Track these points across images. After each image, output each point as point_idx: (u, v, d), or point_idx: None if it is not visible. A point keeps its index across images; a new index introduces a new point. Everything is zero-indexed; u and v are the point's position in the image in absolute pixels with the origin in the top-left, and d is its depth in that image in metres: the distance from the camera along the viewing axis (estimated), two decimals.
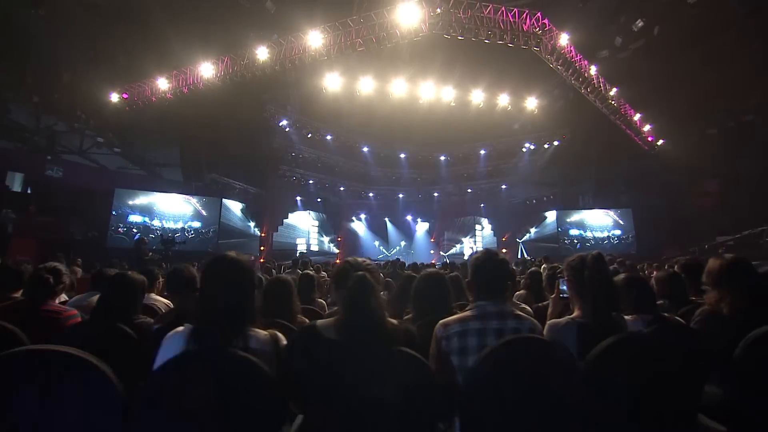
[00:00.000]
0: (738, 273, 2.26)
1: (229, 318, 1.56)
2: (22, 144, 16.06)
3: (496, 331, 1.78)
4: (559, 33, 11.49)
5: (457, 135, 18.61)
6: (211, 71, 12.24)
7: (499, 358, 1.55)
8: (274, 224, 19.47)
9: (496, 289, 1.92)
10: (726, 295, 2.22)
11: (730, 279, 2.25)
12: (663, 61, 14.23)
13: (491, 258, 1.97)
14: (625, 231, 19.60)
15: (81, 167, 17.29)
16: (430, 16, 10.66)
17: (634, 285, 2.34)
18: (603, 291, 1.91)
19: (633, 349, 1.67)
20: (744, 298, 2.15)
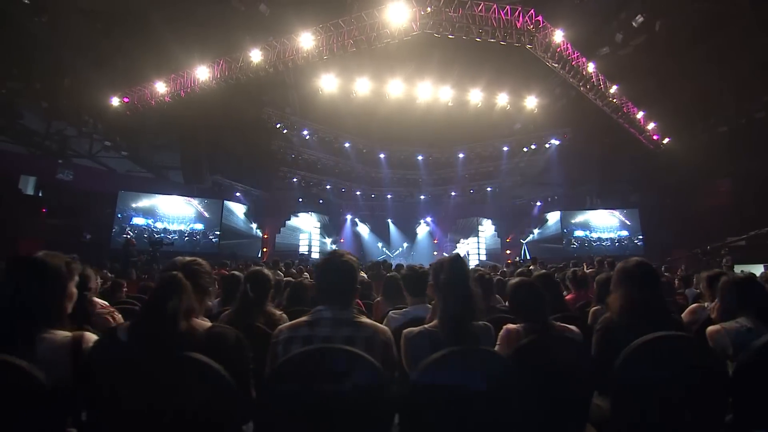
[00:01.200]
0: (630, 279, 2.11)
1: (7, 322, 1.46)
2: (35, 149, 16.59)
3: (324, 339, 1.67)
4: (554, 30, 11.31)
5: (457, 135, 18.48)
6: (207, 74, 12.43)
7: (288, 369, 1.48)
8: (277, 226, 19.65)
9: (336, 295, 1.79)
10: (617, 299, 2.11)
11: (622, 283, 2.13)
12: (666, 57, 13.88)
13: (333, 261, 1.82)
14: (632, 232, 19.17)
15: (91, 170, 17.79)
16: (421, 16, 10.63)
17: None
18: (455, 296, 1.80)
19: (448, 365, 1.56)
20: (630, 305, 2.03)
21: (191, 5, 12.01)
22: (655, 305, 2.01)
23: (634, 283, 2.05)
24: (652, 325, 1.79)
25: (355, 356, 1.47)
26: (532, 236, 20.17)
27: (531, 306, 2.03)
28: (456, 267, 1.84)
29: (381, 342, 1.71)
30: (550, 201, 20.31)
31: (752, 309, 2.04)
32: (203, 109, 14.59)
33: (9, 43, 13.18)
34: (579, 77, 12.50)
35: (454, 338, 1.67)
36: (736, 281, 2.23)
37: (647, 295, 2.01)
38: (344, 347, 1.52)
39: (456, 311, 1.77)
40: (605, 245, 19.03)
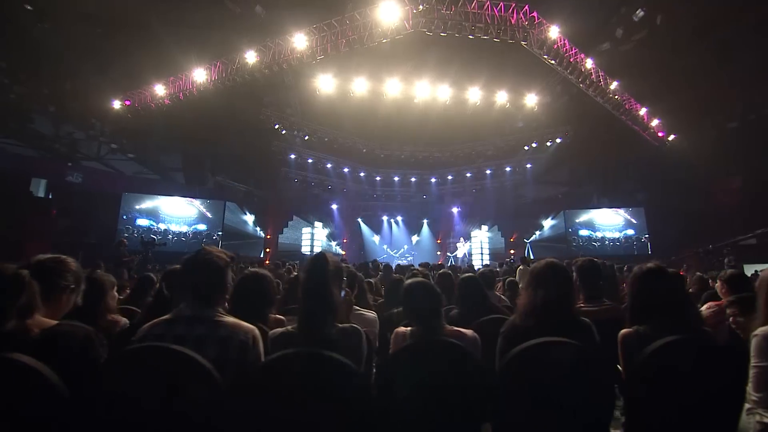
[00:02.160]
0: (538, 280, 2.03)
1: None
2: (45, 152, 17.01)
3: (177, 337, 1.60)
4: (549, 26, 11.16)
5: (458, 134, 18.35)
6: (204, 76, 12.58)
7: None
8: (279, 226, 19.79)
9: (199, 291, 1.73)
10: (522, 300, 2.05)
11: (530, 285, 2.04)
12: (669, 51, 13.57)
13: (197, 258, 1.76)
14: (638, 230, 18.80)
15: (99, 173, 18.16)
16: (413, 14, 10.60)
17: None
18: (310, 297, 1.75)
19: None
20: (531, 306, 1.96)
21: (188, 8, 12.16)
22: (563, 307, 1.93)
23: (541, 284, 1.97)
24: (557, 328, 1.74)
25: (191, 362, 1.41)
26: (536, 236, 19.91)
27: (420, 308, 1.96)
28: (314, 266, 1.77)
29: (238, 342, 1.63)
30: (555, 200, 20.02)
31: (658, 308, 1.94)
32: (204, 110, 14.75)
33: (16, 49, 13.56)
34: (577, 74, 12.30)
35: (310, 340, 1.62)
36: (640, 275, 2.06)
37: (553, 296, 1.93)
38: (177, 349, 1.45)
39: (313, 311, 1.71)
40: (609, 245, 18.70)
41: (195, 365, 1.40)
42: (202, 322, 1.65)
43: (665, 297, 1.91)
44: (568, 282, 2.02)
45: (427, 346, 1.72)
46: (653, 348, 1.63)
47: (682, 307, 1.95)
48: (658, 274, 1.99)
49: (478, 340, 1.93)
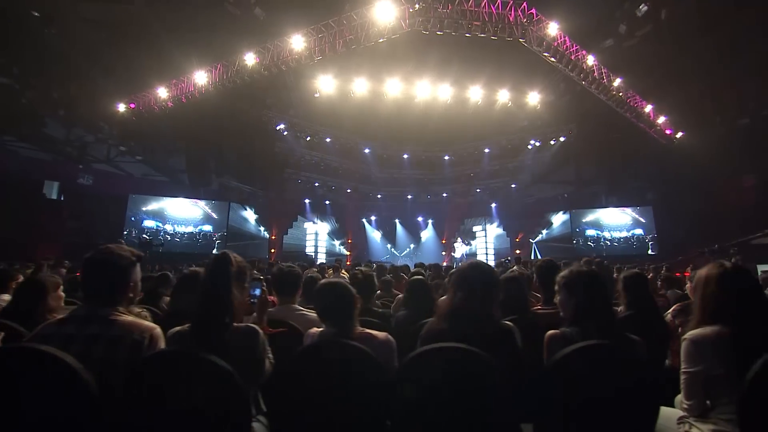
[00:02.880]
0: (459, 281, 1.97)
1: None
2: (57, 155, 17.43)
3: (66, 337, 1.58)
4: (548, 23, 11.02)
5: (460, 133, 18.23)
6: (205, 79, 12.75)
7: None
8: (284, 227, 19.92)
9: (93, 290, 1.71)
10: (443, 302, 2.03)
11: (452, 286, 2.00)
12: (674, 47, 13.29)
13: (95, 257, 1.72)
14: (647, 230, 18.43)
15: (109, 175, 18.52)
16: (410, 13, 10.58)
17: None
18: (206, 297, 1.72)
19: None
20: (447, 308, 1.92)
21: (190, 12, 12.35)
22: (477, 310, 1.86)
23: (461, 286, 1.92)
24: (471, 332, 1.71)
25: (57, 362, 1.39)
26: (541, 236, 19.66)
27: (331, 308, 1.93)
28: (216, 266, 1.74)
29: (131, 342, 1.59)
30: (561, 199, 19.75)
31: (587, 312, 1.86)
32: (208, 112, 14.97)
33: (26, 55, 13.93)
34: (578, 71, 12.11)
35: (200, 340, 1.60)
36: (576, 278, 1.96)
37: (473, 298, 1.87)
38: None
39: (202, 312, 1.68)
40: (617, 244, 18.37)
41: (61, 365, 1.38)
42: (95, 321, 1.62)
43: (595, 302, 1.86)
44: (493, 285, 1.94)
45: (322, 347, 1.71)
46: (564, 353, 1.59)
47: (608, 312, 1.89)
48: (591, 277, 1.93)
49: (391, 344, 1.87)
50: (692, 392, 1.70)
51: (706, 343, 1.66)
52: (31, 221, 14.67)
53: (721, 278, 1.77)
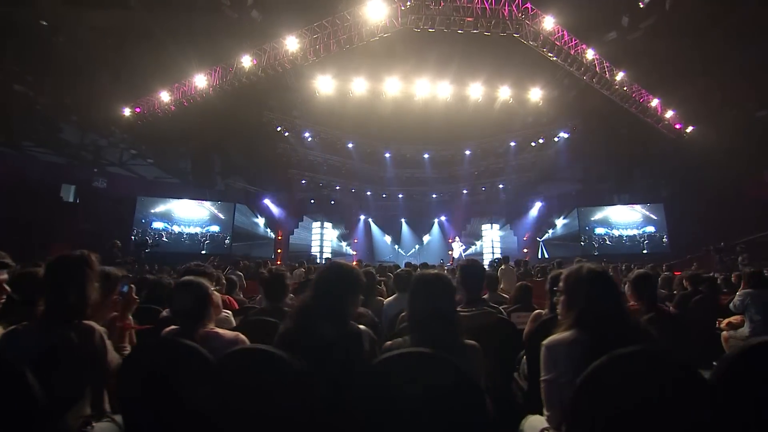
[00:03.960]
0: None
1: None
2: (73, 159, 18.04)
3: None
4: (543, 17, 10.81)
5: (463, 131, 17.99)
6: (204, 82, 12.98)
7: None
8: (290, 227, 20.10)
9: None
10: None
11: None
12: (681, 38, 12.83)
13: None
14: (659, 227, 17.87)
15: (122, 178, 19.08)
16: (402, 11, 10.55)
17: None
18: (50, 293, 1.75)
19: None
20: None
21: (189, 17, 12.58)
22: (323, 310, 1.77)
23: (315, 285, 1.85)
24: (317, 330, 1.67)
25: None
26: (549, 234, 19.30)
27: (177, 309, 1.93)
28: (62, 266, 1.80)
29: None
30: (569, 197, 19.32)
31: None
32: (212, 115, 15.21)
33: (38, 63, 14.46)
34: (578, 65, 11.84)
35: (46, 337, 1.69)
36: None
37: (315, 296, 1.80)
38: None
39: (47, 307, 1.79)
40: (627, 243, 17.89)
41: None
42: None
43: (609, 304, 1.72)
44: (348, 286, 1.84)
45: (146, 348, 1.73)
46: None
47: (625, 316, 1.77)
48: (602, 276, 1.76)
49: (246, 343, 1.84)
50: (550, 402, 1.59)
51: (559, 349, 1.58)
52: (48, 223, 15.20)
53: (575, 281, 1.68)
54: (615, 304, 1.58)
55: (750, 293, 4.32)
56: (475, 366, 1.54)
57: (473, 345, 1.63)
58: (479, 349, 1.63)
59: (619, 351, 1.30)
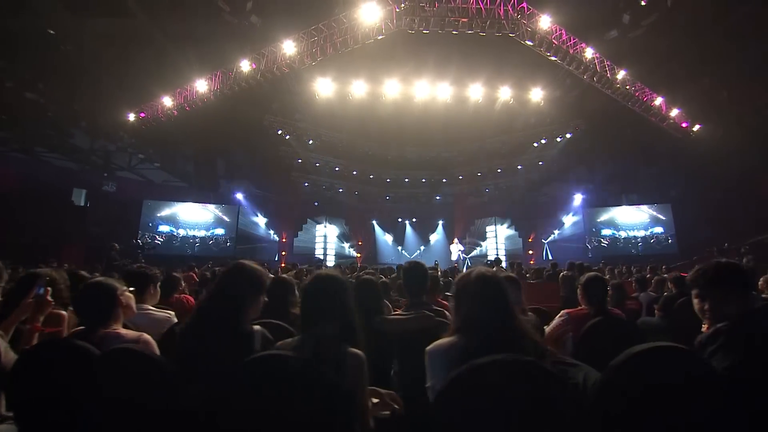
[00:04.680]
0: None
1: None
2: (83, 164, 18.48)
3: None
4: (540, 16, 10.70)
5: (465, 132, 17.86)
6: (205, 87, 13.16)
7: None
8: (294, 229, 20.21)
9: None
10: None
11: None
12: (685, 36, 12.56)
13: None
14: (667, 228, 17.50)
15: (131, 182, 19.48)
16: (396, 13, 10.55)
17: None
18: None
19: None
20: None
21: (189, 23, 12.76)
22: (219, 312, 1.78)
23: (214, 286, 1.88)
24: (208, 331, 1.71)
25: None
26: (554, 236, 19.04)
27: (83, 310, 1.95)
28: None
29: None
30: (574, 198, 19.03)
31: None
32: (215, 118, 15.44)
33: (47, 71, 14.85)
34: (577, 65, 11.68)
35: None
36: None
37: (212, 297, 1.82)
38: None
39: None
40: (632, 244, 17.55)
41: None
42: None
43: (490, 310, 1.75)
44: (245, 288, 1.84)
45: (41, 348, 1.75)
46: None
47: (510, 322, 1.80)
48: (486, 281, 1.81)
49: (148, 344, 1.87)
50: None
51: (437, 355, 1.55)
52: (59, 226, 15.57)
53: (463, 285, 1.65)
54: (497, 310, 1.53)
55: None
56: (348, 374, 1.51)
57: (356, 354, 1.60)
58: (362, 359, 1.60)
59: (478, 361, 1.27)
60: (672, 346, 1.36)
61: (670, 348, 1.36)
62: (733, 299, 1.68)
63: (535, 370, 1.24)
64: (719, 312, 1.68)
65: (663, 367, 1.31)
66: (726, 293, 1.70)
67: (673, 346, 1.36)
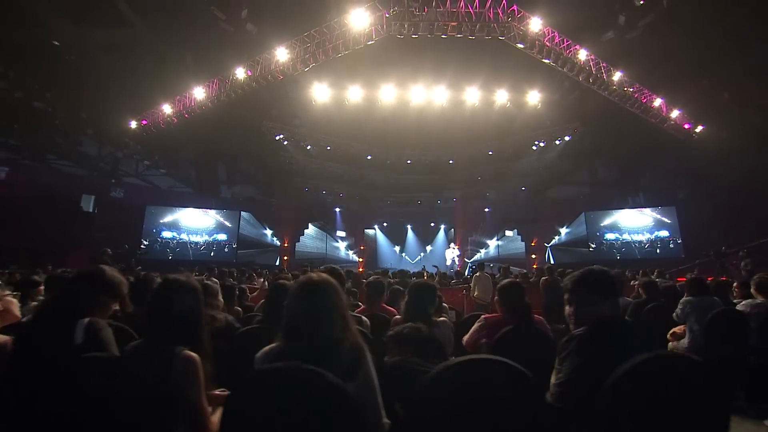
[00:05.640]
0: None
1: None
2: (92, 170, 18.91)
3: None
4: (530, 18, 10.63)
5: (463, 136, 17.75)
6: (203, 94, 13.37)
7: None
8: (296, 235, 20.33)
9: None
10: None
11: None
12: (683, 36, 12.33)
13: None
14: (672, 231, 17.11)
15: (138, 188, 19.86)
16: (386, 19, 10.60)
17: None
18: None
19: None
20: None
21: (187, 32, 13.01)
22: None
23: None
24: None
25: None
26: (556, 240, 18.77)
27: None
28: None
29: None
30: (574, 201, 18.77)
31: None
32: (214, 125, 15.70)
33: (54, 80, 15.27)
34: (570, 66, 11.55)
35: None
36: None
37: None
38: None
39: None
40: (636, 247, 17.20)
41: None
42: None
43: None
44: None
45: None
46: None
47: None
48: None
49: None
50: None
51: (259, 361, 1.55)
52: (66, 232, 15.91)
53: (290, 293, 1.63)
54: (310, 316, 1.52)
55: (690, 301, 4.10)
56: (173, 378, 1.52)
57: (186, 358, 1.58)
58: (192, 363, 1.57)
59: (265, 366, 1.29)
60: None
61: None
62: (593, 306, 1.64)
63: (317, 379, 1.23)
64: (581, 317, 1.65)
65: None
66: (586, 299, 1.67)
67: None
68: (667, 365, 1.32)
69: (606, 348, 1.43)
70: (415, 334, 1.88)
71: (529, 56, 12.24)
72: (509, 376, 1.23)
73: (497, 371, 1.25)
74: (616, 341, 1.45)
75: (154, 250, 17.81)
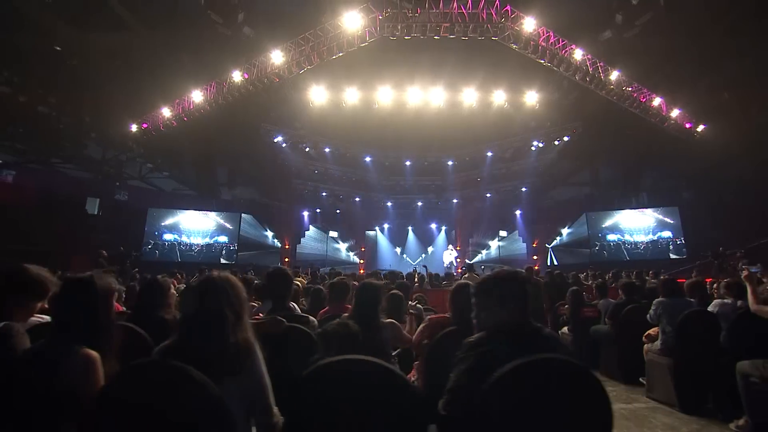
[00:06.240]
0: None
1: None
2: (97, 174, 19.17)
3: None
4: (524, 18, 10.58)
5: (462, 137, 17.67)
6: (201, 97, 13.50)
7: None
8: (297, 236, 20.40)
9: None
10: None
11: None
12: (683, 35, 12.18)
13: None
14: (676, 232, 16.88)
15: (142, 190, 20.07)
16: (379, 21, 10.63)
17: None
18: None
19: None
20: None
21: (185, 36, 13.18)
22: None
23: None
24: None
25: None
26: (557, 241, 18.60)
27: None
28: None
29: None
30: (578, 202, 18.59)
31: None
32: (214, 128, 15.83)
33: (57, 85, 15.54)
34: (566, 66, 11.47)
35: None
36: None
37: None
38: None
39: None
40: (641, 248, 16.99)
41: None
42: None
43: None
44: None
45: None
46: None
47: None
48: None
49: None
50: None
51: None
52: (71, 235, 16.12)
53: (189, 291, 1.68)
54: (200, 322, 1.55)
55: (662, 302, 4.06)
56: (69, 375, 1.54)
57: (85, 356, 1.58)
58: (89, 361, 1.59)
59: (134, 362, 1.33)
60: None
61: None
62: (488, 311, 1.61)
63: (185, 376, 1.25)
64: (480, 322, 1.62)
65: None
66: (484, 304, 1.64)
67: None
68: (542, 370, 1.30)
69: (492, 354, 1.40)
70: (340, 330, 1.88)
71: (527, 56, 12.22)
72: (377, 376, 1.23)
73: (368, 371, 1.24)
74: (509, 347, 1.41)
75: (152, 253, 18.00)
